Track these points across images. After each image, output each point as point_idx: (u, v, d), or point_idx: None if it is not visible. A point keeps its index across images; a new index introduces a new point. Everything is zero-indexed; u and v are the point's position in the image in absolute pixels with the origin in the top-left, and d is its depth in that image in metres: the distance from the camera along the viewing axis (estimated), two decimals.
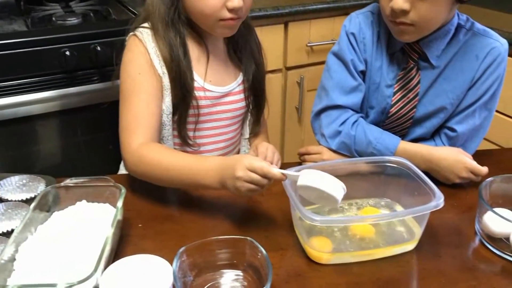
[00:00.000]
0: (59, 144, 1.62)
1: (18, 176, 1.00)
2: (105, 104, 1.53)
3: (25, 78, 1.48)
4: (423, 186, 0.90)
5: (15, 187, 0.98)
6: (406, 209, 0.94)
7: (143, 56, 1.06)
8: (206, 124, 1.16)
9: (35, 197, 0.88)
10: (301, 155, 1.18)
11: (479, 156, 1.09)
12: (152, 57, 1.06)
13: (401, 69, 1.12)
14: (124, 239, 0.89)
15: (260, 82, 1.22)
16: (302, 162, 1.16)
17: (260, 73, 1.22)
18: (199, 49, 1.12)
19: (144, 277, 0.73)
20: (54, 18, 1.64)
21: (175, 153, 1.01)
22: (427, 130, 1.15)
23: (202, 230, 0.93)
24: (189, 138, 1.14)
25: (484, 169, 1.04)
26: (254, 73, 1.19)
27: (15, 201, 0.94)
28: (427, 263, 0.86)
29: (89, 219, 0.86)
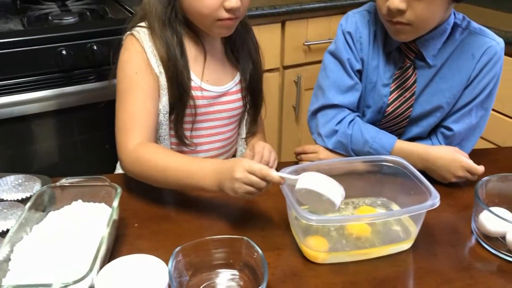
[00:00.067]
0: (56, 144, 1.61)
1: (14, 176, 1.00)
2: (102, 104, 1.52)
3: (22, 77, 1.48)
4: (419, 185, 0.90)
5: (11, 187, 0.97)
6: (402, 208, 0.94)
7: (140, 56, 1.06)
8: (203, 124, 1.16)
9: (31, 197, 0.88)
10: (298, 154, 1.18)
11: (476, 155, 1.09)
12: (149, 57, 1.06)
13: (398, 68, 1.12)
14: (120, 239, 0.89)
15: (258, 82, 1.22)
16: (299, 162, 1.16)
17: (258, 73, 1.21)
18: (196, 49, 1.12)
19: (140, 277, 0.73)
20: (51, 17, 1.64)
21: (173, 154, 1.00)
22: (424, 129, 1.15)
23: (198, 230, 0.93)
24: (186, 138, 1.14)
25: (481, 168, 1.05)
26: (252, 73, 1.19)
27: (11, 201, 0.94)
28: (423, 262, 0.87)
29: (85, 219, 0.86)
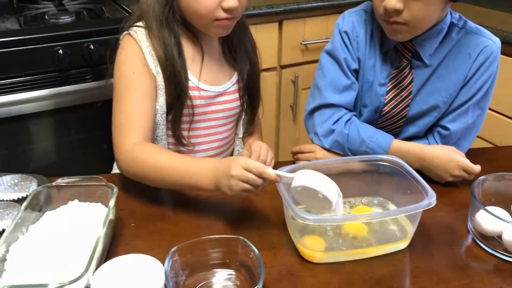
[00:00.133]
0: (53, 143, 1.61)
1: (10, 176, 1.00)
2: (99, 103, 1.52)
3: (18, 77, 1.47)
4: (416, 185, 0.90)
5: (7, 187, 0.97)
6: (399, 208, 0.94)
7: (137, 55, 1.06)
8: (201, 124, 1.16)
9: (27, 197, 0.88)
10: (295, 154, 1.18)
11: (472, 154, 1.09)
12: (146, 57, 1.05)
13: (394, 68, 1.12)
14: (117, 239, 0.89)
15: (255, 82, 1.21)
16: (296, 161, 1.16)
17: (255, 73, 1.21)
18: (194, 49, 1.12)
19: (136, 277, 0.73)
20: (47, 17, 1.64)
21: (170, 154, 1.00)
22: (420, 129, 1.15)
23: (195, 230, 0.93)
24: (184, 138, 1.13)
25: (477, 167, 1.05)
26: (249, 73, 1.19)
27: (7, 201, 0.94)
28: (420, 262, 0.87)
29: (81, 219, 0.86)
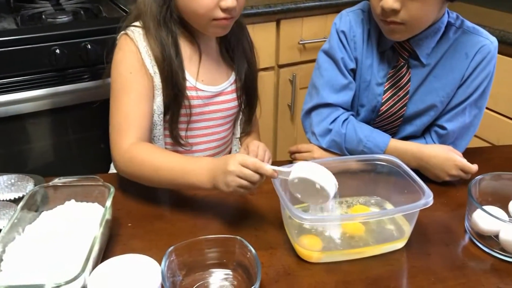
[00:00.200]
0: (50, 143, 1.61)
1: (7, 176, 0.99)
2: (97, 103, 1.52)
3: (15, 77, 1.47)
4: (413, 184, 0.90)
5: (3, 187, 0.97)
6: (396, 207, 0.94)
7: (134, 56, 1.05)
8: (198, 124, 1.16)
9: (24, 197, 0.88)
10: (292, 154, 1.18)
11: (470, 154, 1.10)
12: (144, 57, 1.05)
13: (392, 67, 1.12)
14: (114, 239, 0.89)
15: (252, 81, 1.21)
16: (293, 161, 1.16)
17: (253, 72, 1.21)
18: (191, 49, 1.12)
19: (133, 277, 0.73)
20: (44, 16, 1.63)
21: (167, 153, 1.00)
22: (418, 128, 1.15)
23: (192, 229, 0.92)
24: (181, 138, 1.13)
25: (474, 167, 1.05)
26: (247, 72, 1.19)
27: (3, 201, 0.94)
28: (417, 261, 0.87)
29: (78, 219, 0.86)
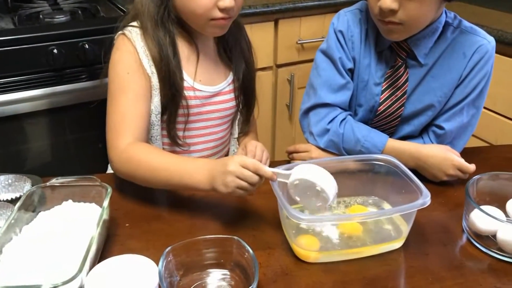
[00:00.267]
0: (48, 143, 1.61)
1: (4, 176, 0.99)
2: (95, 103, 1.52)
3: (13, 76, 1.47)
4: (411, 184, 0.90)
5: (0, 187, 0.97)
6: (394, 207, 0.94)
7: (132, 56, 1.05)
8: (196, 124, 1.15)
9: (21, 197, 0.87)
10: (290, 153, 1.18)
11: (467, 154, 1.10)
12: (141, 57, 1.05)
13: (389, 67, 1.12)
14: (111, 239, 0.89)
15: (250, 81, 1.21)
16: (291, 160, 1.16)
17: (250, 72, 1.21)
18: (189, 48, 1.12)
19: (130, 277, 0.73)
20: (42, 16, 1.63)
21: (164, 154, 1.00)
22: (415, 128, 1.15)
23: (190, 230, 0.92)
24: (179, 138, 1.13)
25: (472, 167, 1.05)
26: (244, 72, 1.18)
27: (0, 201, 0.93)
28: (414, 261, 0.87)
29: (75, 219, 0.86)
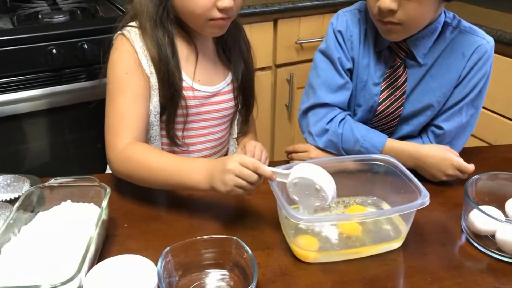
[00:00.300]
0: (47, 143, 1.60)
1: (2, 176, 0.99)
2: (94, 103, 1.52)
3: (12, 76, 1.47)
4: (409, 184, 0.90)
5: None
6: (393, 207, 0.94)
7: (131, 56, 1.05)
8: (195, 124, 1.15)
9: (19, 197, 0.87)
10: (289, 153, 1.17)
11: (466, 154, 1.10)
12: (140, 57, 1.05)
13: (388, 67, 1.12)
14: (110, 239, 0.89)
15: (249, 82, 1.21)
16: (290, 160, 1.16)
17: (249, 73, 1.21)
18: (188, 49, 1.11)
19: (129, 278, 0.73)
20: (41, 16, 1.63)
21: (162, 154, 1.00)
22: (414, 128, 1.15)
23: (189, 230, 0.92)
24: (178, 138, 1.13)
25: (471, 167, 1.05)
26: (243, 73, 1.18)
27: None
28: (413, 261, 0.87)
29: (74, 220, 0.86)
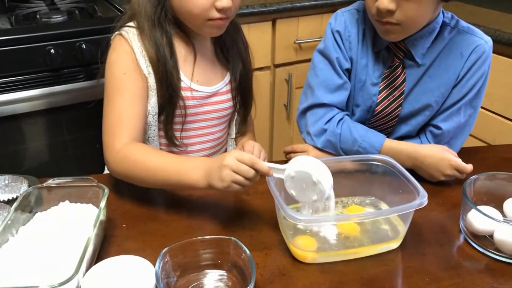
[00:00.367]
0: (45, 143, 1.60)
1: (0, 177, 0.99)
2: (92, 103, 1.51)
3: (10, 77, 1.47)
4: (408, 184, 0.90)
5: None
6: (391, 207, 0.94)
7: (129, 56, 1.05)
8: (193, 124, 1.15)
9: (17, 198, 0.87)
10: (287, 154, 1.18)
11: (465, 154, 1.10)
12: (138, 57, 1.05)
13: (387, 67, 1.12)
14: (108, 240, 0.89)
15: (247, 82, 1.21)
16: (288, 161, 1.15)
17: (247, 73, 1.21)
18: (186, 49, 1.11)
19: (127, 278, 0.73)
20: (39, 16, 1.63)
21: (160, 153, 1.00)
22: (413, 128, 1.15)
23: (187, 230, 0.92)
24: (176, 139, 1.13)
25: (469, 167, 1.05)
26: (241, 73, 1.18)
27: None
28: (412, 261, 0.87)
29: (72, 220, 0.85)
